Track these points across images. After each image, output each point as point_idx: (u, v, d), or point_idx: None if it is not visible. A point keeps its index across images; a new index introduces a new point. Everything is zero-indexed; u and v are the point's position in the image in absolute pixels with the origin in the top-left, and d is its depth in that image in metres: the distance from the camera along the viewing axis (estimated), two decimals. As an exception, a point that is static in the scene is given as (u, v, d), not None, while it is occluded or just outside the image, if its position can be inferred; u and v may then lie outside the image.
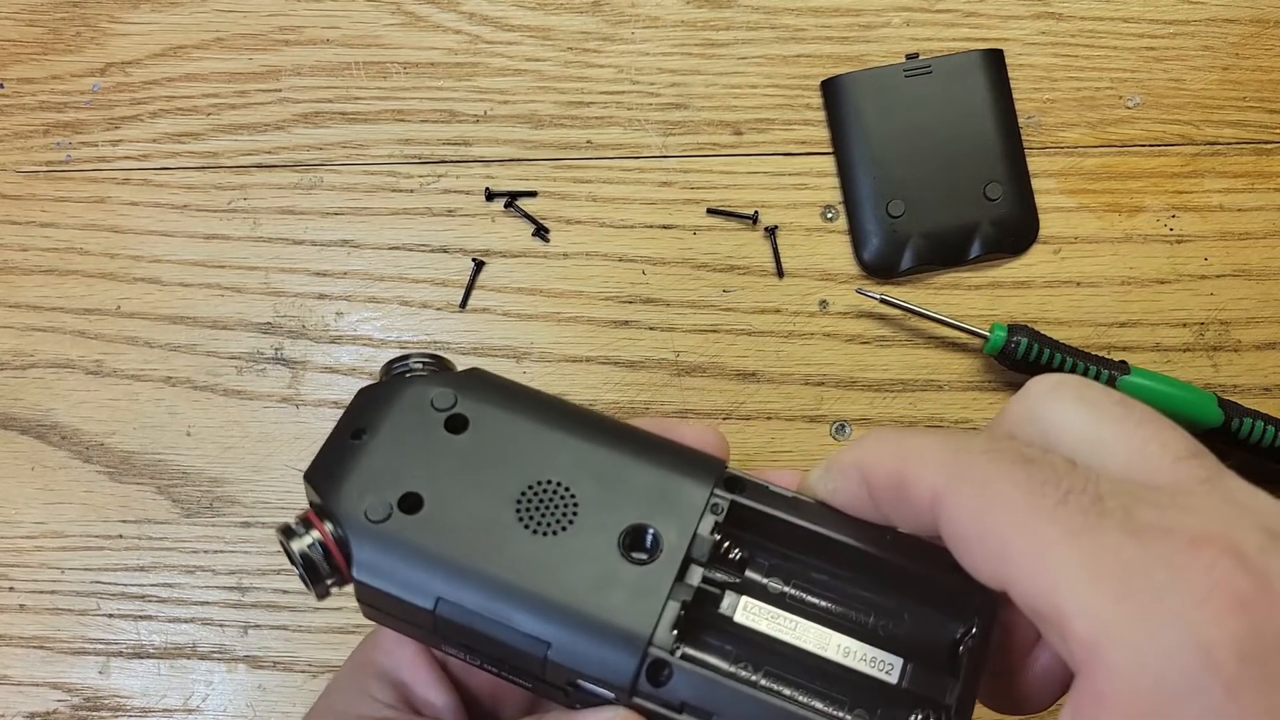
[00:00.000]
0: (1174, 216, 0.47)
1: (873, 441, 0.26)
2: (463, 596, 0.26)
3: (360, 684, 0.31)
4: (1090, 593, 0.21)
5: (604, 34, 0.49)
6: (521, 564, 0.26)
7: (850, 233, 0.47)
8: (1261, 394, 0.46)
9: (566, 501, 0.28)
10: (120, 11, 0.49)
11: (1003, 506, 0.22)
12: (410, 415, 0.29)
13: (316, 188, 0.48)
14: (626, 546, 0.27)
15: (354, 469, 0.28)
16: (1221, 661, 0.19)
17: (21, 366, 0.47)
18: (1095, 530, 0.21)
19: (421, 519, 0.27)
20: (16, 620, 0.45)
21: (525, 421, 0.29)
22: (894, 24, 0.48)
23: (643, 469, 0.28)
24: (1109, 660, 0.20)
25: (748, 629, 0.27)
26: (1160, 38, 0.48)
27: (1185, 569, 0.20)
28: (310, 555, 0.27)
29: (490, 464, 0.28)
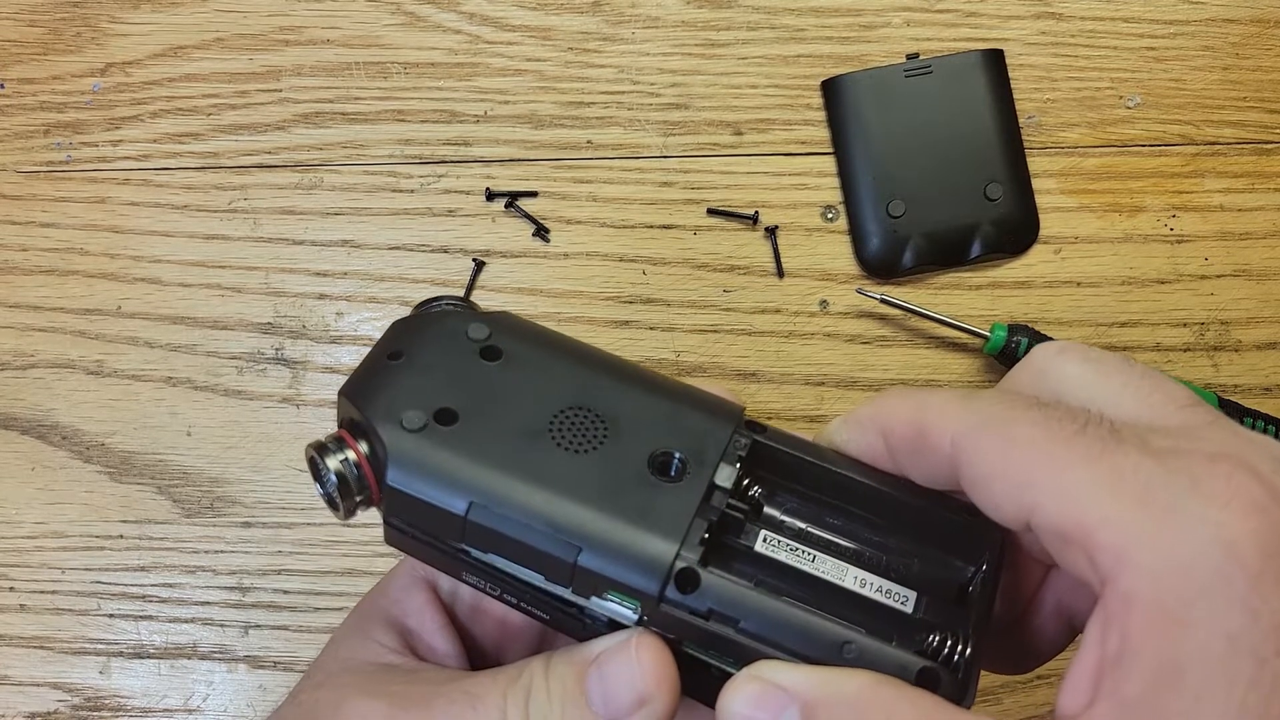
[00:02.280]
0: (1174, 216, 0.47)
1: (890, 396, 0.27)
2: (496, 499, 0.27)
3: (364, 630, 0.32)
4: (1114, 504, 0.21)
5: (604, 34, 0.49)
6: (555, 473, 0.27)
7: (850, 233, 0.47)
8: (1262, 394, 0.46)
9: (596, 426, 0.28)
10: (120, 12, 0.49)
11: (1024, 441, 0.23)
12: (446, 342, 0.30)
13: (317, 188, 0.48)
14: (654, 469, 0.28)
15: (391, 384, 0.28)
16: (1245, 556, 0.20)
17: (22, 367, 0.47)
18: (1114, 453, 0.22)
19: (456, 430, 0.28)
20: (17, 620, 0.45)
21: (555, 356, 0.30)
22: (894, 24, 0.48)
23: (669, 405, 0.30)
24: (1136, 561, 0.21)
25: (767, 558, 0.28)
26: (1160, 38, 0.48)
27: (1204, 479, 0.21)
28: (344, 472, 0.27)
29: (522, 390, 0.29)
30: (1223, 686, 0.20)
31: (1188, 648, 0.20)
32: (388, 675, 0.30)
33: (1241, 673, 0.20)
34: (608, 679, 0.27)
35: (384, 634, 0.31)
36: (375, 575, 0.45)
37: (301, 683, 0.32)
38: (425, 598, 0.32)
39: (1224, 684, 0.20)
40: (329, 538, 0.45)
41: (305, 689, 0.31)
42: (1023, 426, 0.24)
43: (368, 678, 0.30)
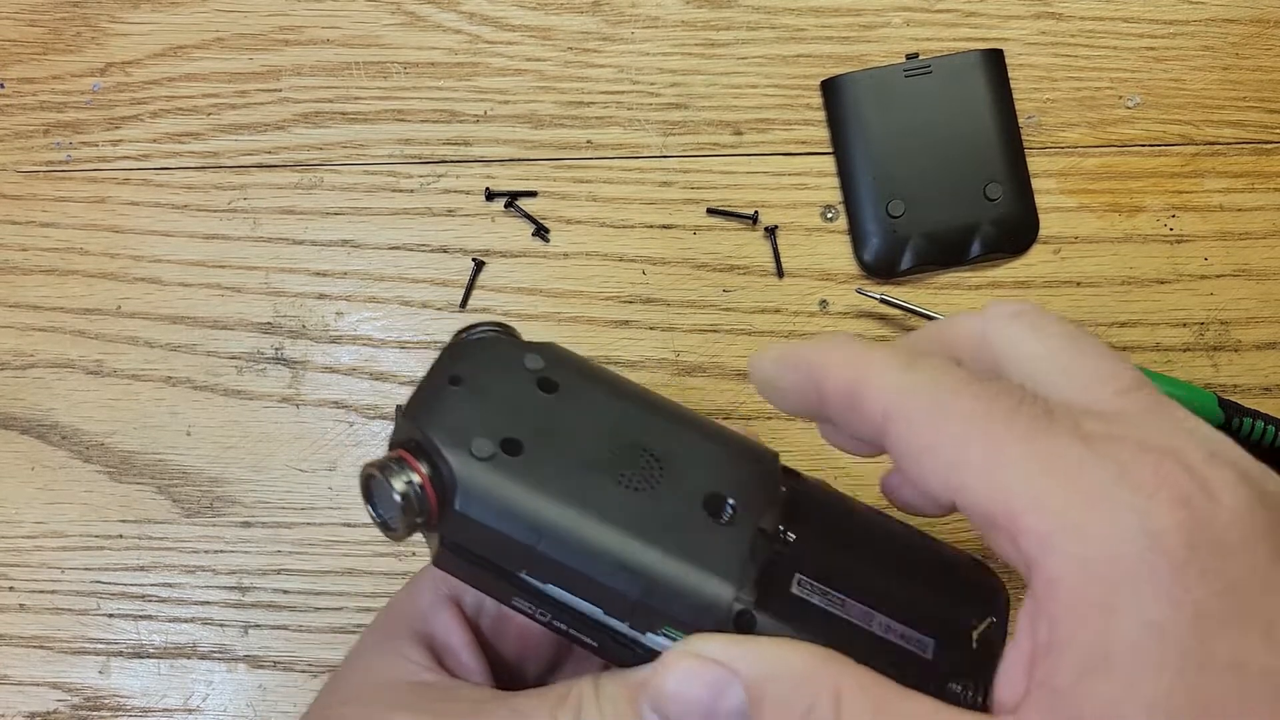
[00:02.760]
0: (1174, 216, 0.47)
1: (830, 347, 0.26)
2: (566, 533, 0.27)
3: (394, 648, 0.31)
4: (1042, 489, 0.21)
5: (604, 34, 0.49)
6: (618, 510, 0.28)
7: (850, 233, 0.47)
8: (1262, 394, 0.46)
9: (651, 465, 0.29)
10: (120, 11, 0.49)
11: (956, 417, 0.23)
12: (505, 371, 0.30)
13: (317, 188, 0.48)
14: (707, 510, 0.29)
15: (456, 410, 0.29)
16: (1169, 547, 0.20)
17: (21, 366, 0.47)
18: (1046, 435, 0.22)
19: (523, 461, 0.28)
20: (16, 620, 0.45)
21: (606, 391, 0.31)
22: (894, 24, 0.48)
23: (715, 448, 0.30)
24: (1061, 549, 0.21)
25: (802, 600, 0.28)
26: (1160, 38, 0.48)
27: (1133, 468, 0.21)
28: (408, 493, 0.27)
29: (579, 423, 0.29)
30: (1150, 674, 0.20)
31: (1114, 636, 0.20)
32: (424, 692, 0.30)
33: (1167, 661, 0.20)
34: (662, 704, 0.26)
35: (414, 651, 0.31)
36: (375, 575, 0.45)
37: (325, 697, 0.32)
38: (453, 615, 0.32)
39: (1151, 672, 0.20)
40: (329, 538, 0.45)
41: (332, 705, 0.31)
42: (957, 401, 0.23)
43: (404, 695, 0.30)
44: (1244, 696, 0.20)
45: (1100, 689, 0.20)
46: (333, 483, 0.45)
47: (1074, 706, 0.21)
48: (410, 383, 0.46)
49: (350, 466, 0.45)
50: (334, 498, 0.45)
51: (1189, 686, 0.20)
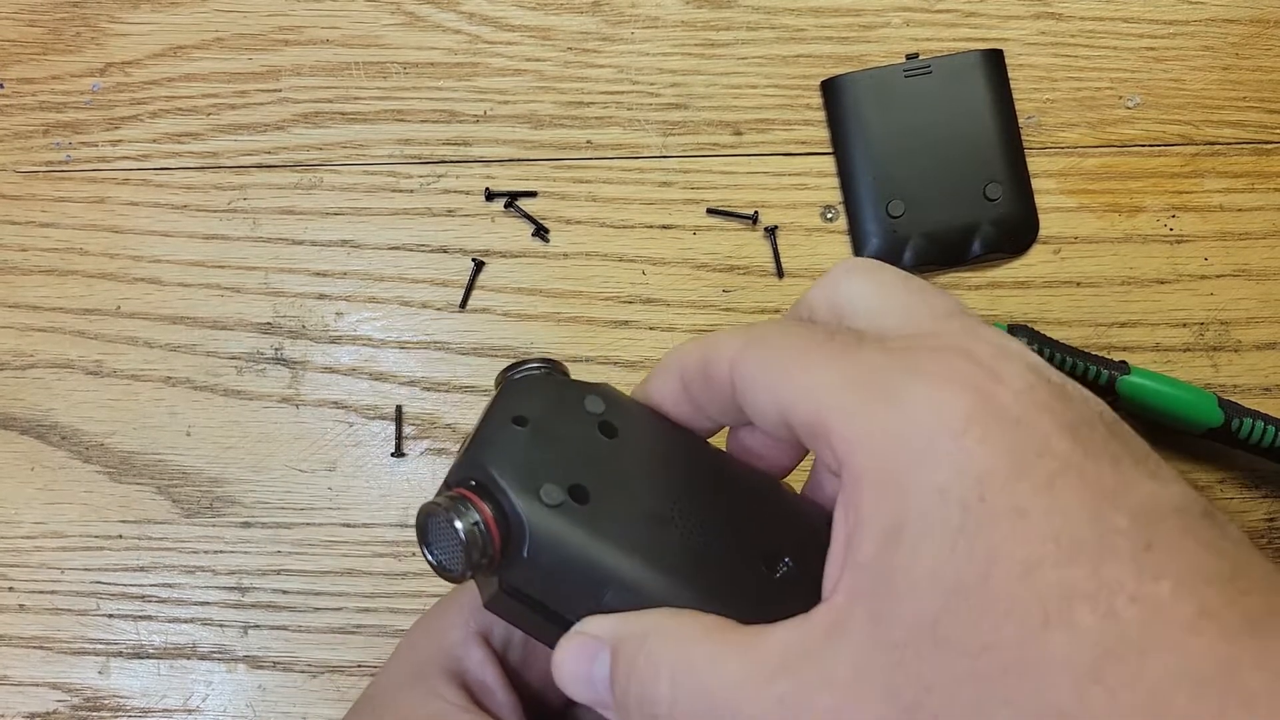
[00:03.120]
0: (1174, 216, 0.47)
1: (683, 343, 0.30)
2: (635, 586, 0.27)
3: (428, 686, 0.31)
4: (845, 394, 0.24)
5: (604, 34, 0.48)
6: (682, 564, 0.27)
7: (850, 233, 0.47)
8: (1262, 394, 0.46)
9: (711, 515, 0.29)
10: (120, 11, 0.49)
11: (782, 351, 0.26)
12: (568, 413, 0.30)
13: (316, 188, 0.48)
14: (766, 566, 0.28)
15: (524, 453, 0.28)
16: (950, 420, 0.22)
17: (21, 367, 0.47)
18: (853, 352, 0.25)
19: (591, 510, 0.27)
20: (16, 620, 0.45)
21: (663, 439, 0.31)
22: (894, 24, 0.48)
23: (769, 500, 0.30)
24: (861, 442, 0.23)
25: None
26: (1160, 38, 0.48)
27: (924, 366, 0.23)
28: (475, 532, 0.27)
29: (640, 472, 0.29)
30: (937, 534, 0.21)
31: (905, 506, 0.22)
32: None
33: (951, 519, 0.21)
34: None
35: (448, 689, 0.31)
36: (374, 576, 0.45)
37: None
38: (485, 650, 0.32)
39: (937, 531, 0.21)
40: (328, 538, 0.45)
41: None
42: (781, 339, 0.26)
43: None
44: (1028, 540, 0.21)
45: (894, 557, 0.22)
46: (332, 483, 0.45)
47: (872, 578, 0.22)
48: (410, 383, 0.46)
49: (350, 467, 0.45)
50: (333, 498, 0.45)
51: (971, 538, 0.21)
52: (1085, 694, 0.19)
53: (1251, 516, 0.45)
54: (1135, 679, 0.19)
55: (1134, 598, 0.20)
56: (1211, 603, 0.20)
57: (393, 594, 0.45)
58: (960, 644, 0.21)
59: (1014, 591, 0.20)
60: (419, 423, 0.46)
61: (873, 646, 0.22)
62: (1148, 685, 0.19)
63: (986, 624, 0.20)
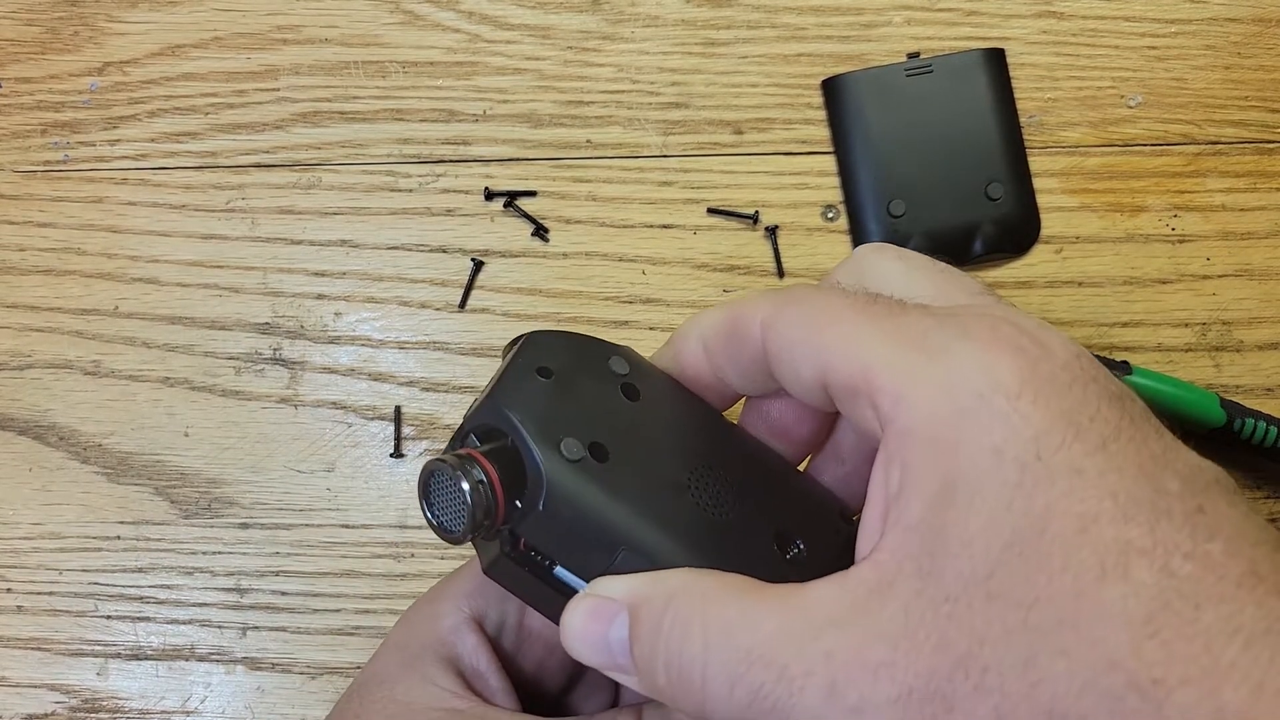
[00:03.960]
0: (1176, 216, 0.47)
1: (707, 309, 0.30)
2: (647, 548, 0.26)
3: (420, 671, 0.31)
4: (892, 352, 0.24)
5: (604, 33, 0.48)
6: (696, 532, 0.27)
7: (851, 232, 0.47)
8: (1264, 394, 0.46)
9: (726, 489, 0.28)
10: (118, 11, 0.49)
11: (820, 309, 0.26)
12: (592, 371, 0.29)
13: (315, 187, 0.47)
14: (778, 546, 0.28)
15: (547, 405, 0.27)
16: (1004, 381, 0.22)
17: (19, 367, 0.47)
18: (897, 317, 0.25)
19: (609, 469, 0.27)
20: (14, 622, 0.45)
21: (683, 407, 0.30)
22: (895, 23, 0.48)
23: (784, 482, 0.30)
24: (910, 398, 0.23)
25: None
26: (1162, 37, 0.48)
27: (971, 328, 0.24)
28: (480, 493, 0.26)
29: (661, 436, 0.29)
30: (992, 491, 0.21)
31: (959, 464, 0.22)
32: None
33: (1007, 477, 0.21)
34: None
35: (442, 676, 0.31)
36: (373, 577, 0.44)
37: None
38: (478, 636, 0.32)
39: (993, 489, 0.21)
40: (327, 539, 0.45)
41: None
42: (820, 299, 0.26)
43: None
44: (1084, 497, 0.21)
45: (948, 515, 0.22)
46: (331, 484, 0.45)
47: (923, 537, 0.22)
48: (409, 383, 0.46)
49: (348, 467, 0.45)
50: (332, 499, 0.45)
51: (1028, 495, 0.21)
52: (1140, 646, 0.20)
53: (1254, 517, 0.45)
54: (1190, 632, 0.20)
55: (1189, 555, 0.20)
56: (1260, 564, 0.20)
57: (392, 595, 0.44)
58: (1014, 597, 0.21)
59: (1070, 546, 0.21)
60: (418, 423, 0.46)
61: (924, 600, 0.22)
62: (1202, 638, 0.20)
63: (1041, 577, 0.21)
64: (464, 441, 0.28)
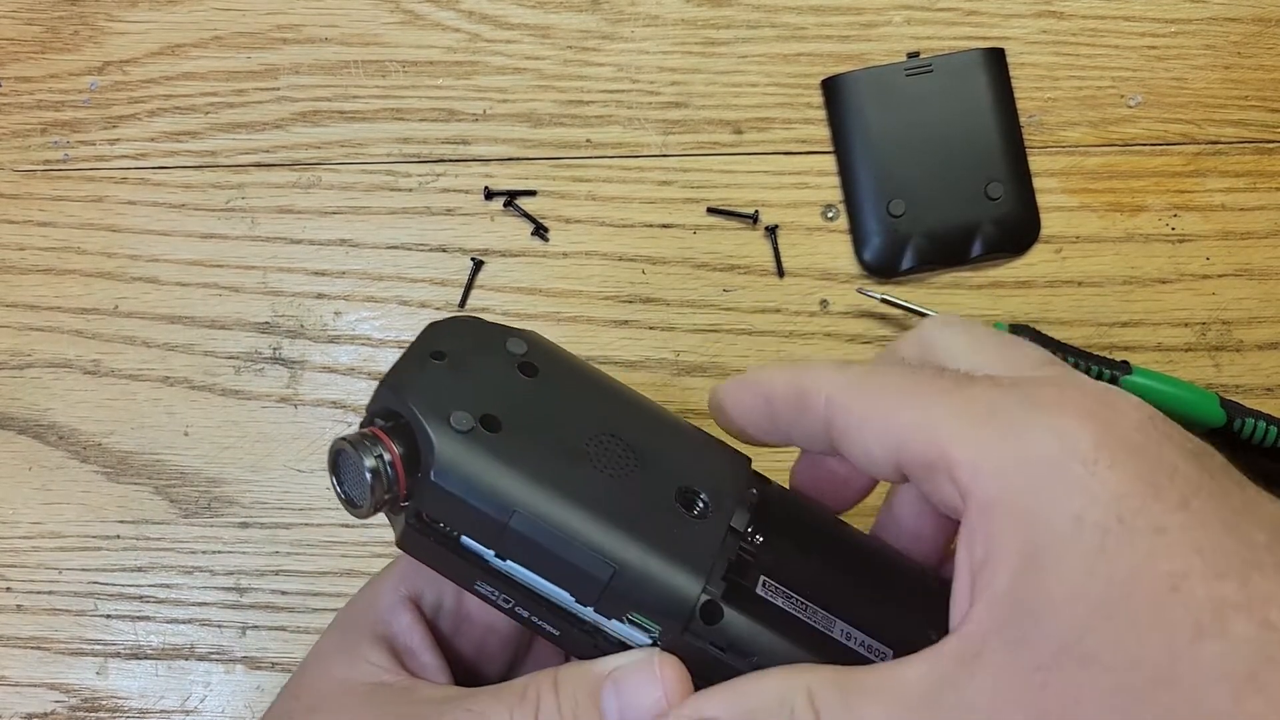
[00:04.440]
0: (1176, 216, 0.47)
1: (772, 365, 0.30)
2: (541, 511, 0.27)
3: (354, 649, 0.32)
4: (965, 426, 0.24)
5: (603, 32, 0.48)
6: (594, 494, 0.28)
7: (851, 232, 0.47)
8: (1264, 394, 0.46)
9: (626, 455, 0.29)
10: (118, 10, 0.49)
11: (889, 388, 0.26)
12: (487, 351, 0.30)
13: (315, 187, 0.47)
14: (680, 503, 0.29)
15: (437, 383, 0.28)
16: (1079, 448, 0.23)
17: (19, 366, 0.47)
18: (965, 389, 0.25)
19: (501, 438, 0.28)
20: (14, 621, 0.45)
21: (584, 382, 0.31)
22: (895, 22, 0.48)
23: (690, 446, 0.31)
24: (987, 469, 0.23)
25: (767, 602, 0.28)
26: (1162, 36, 0.48)
27: (1039, 396, 0.24)
28: (379, 468, 0.27)
29: (557, 410, 0.29)
30: (1075, 558, 0.22)
31: (1041, 533, 0.22)
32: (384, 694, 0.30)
33: (1089, 543, 0.22)
34: (625, 694, 0.27)
35: (374, 653, 0.31)
36: (373, 576, 0.44)
37: (287, 703, 0.32)
38: (412, 615, 0.33)
39: (1076, 555, 0.22)
40: (326, 538, 0.45)
41: (298, 712, 0.31)
42: (888, 378, 0.27)
43: (365, 700, 0.30)
44: (1170, 555, 0.21)
45: (1033, 583, 0.22)
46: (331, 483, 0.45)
47: (1009, 608, 0.22)
48: (409, 383, 0.46)
49: (348, 467, 0.45)
50: (332, 498, 0.45)
51: (1111, 559, 0.21)
52: (1245, 701, 0.20)
53: (1253, 517, 0.45)
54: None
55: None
56: None
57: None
58: (1106, 660, 0.21)
59: (1160, 606, 0.21)
60: (418, 423, 0.46)
61: (1014, 671, 0.22)
62: None
63: (1132, 638, 0.21)
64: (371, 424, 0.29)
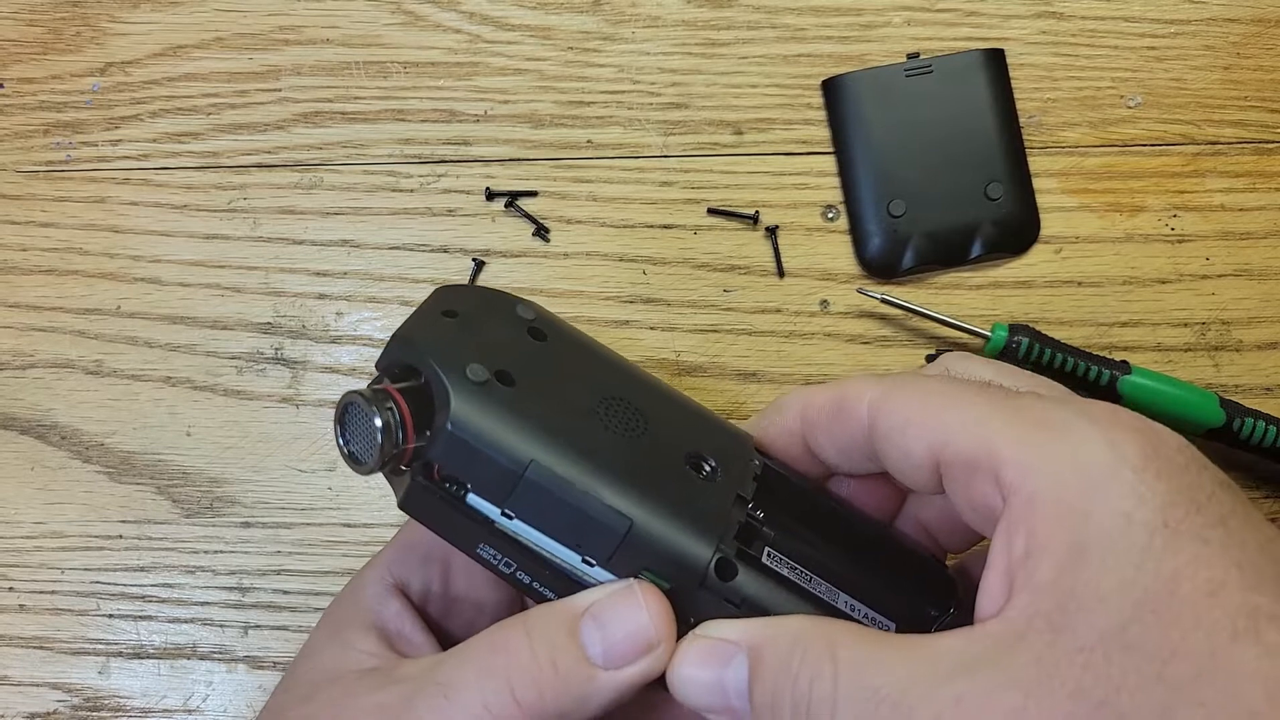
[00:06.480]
0: (1175, 216, 0.47)
1: (810, 386, 0.31)
2: (557, 461, 0.27)
3: (343, 639, 0.32)
4: (1016, 429, 0.25)
5: (604, 33, 0.48)
6: (607, 451, 0.28)
7: (851, 232, 0.47)
8: (1263, 394, 0.46)
9: (636, 418, 0.29)
10: (120, 11, 0.49)
11: (935, 393, 0.27)
12: (498, 314, 0.30)
13: (316, 187, 0.48)
14: (690, 466, 0.29)
15: (450, 337, 0.28)
16: (1129, 455, 0.24)
17: (21, 366, 0.47)
18: (1014, 399, 0.27)
19: (516, 392, 0.28)
20: (16, 620, 0.45)
21: (591, 349, 0.32)
22: (895, 23, 0.48)
23: (696, 415, 0.31)
24: (1038, 469, 0.24)
25: (772, 570, 0.29)
26: (1162, 37, 0.48)
27: (1089, 411, 0.25)
28: (390, 425, 0.26)
29: (567, 371, 0.30)
30: (1122, 554, 0.23)
31: (1089, 529, 0.23)
32: (373, 679, 0.30)
33: (1137, 540, 0.23)
34: (609, 625, 0.27)
35: (364, 640, 0.31)
36: (375, 575, 0.45)
37: (280, 698, 0.32)
38: (401, 603, 0.33)
39: (1123, 552, 0.23)
40: (329, 538, 0.45)
41: (290, 705, 0.31)
42: (934, 385, 0.28)
43: (353, 685, 0.30)
44: (1210, 564, 0.23)
45: (1079, 576, 0.23)
46: (332, 483, 0.45)
47: (1054, 596, 0.23)
48: (410, 383, 0.46)
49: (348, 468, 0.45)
50: (334, 498, 0.45)
51: (1158, 557, 0.23)
52: (1278, 700, 0.21)
53: (1253, 516, 0.45)
54: None
55: None
56: None
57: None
58: (1149, 649, 0.22)
59: (1201, 607, 0.22)
60: (419, 423, 0.46)
61: (1057, 651, 0.23)
62: None
63: (1175, 633, 0.22)
64: (381, 381, 0.29)
